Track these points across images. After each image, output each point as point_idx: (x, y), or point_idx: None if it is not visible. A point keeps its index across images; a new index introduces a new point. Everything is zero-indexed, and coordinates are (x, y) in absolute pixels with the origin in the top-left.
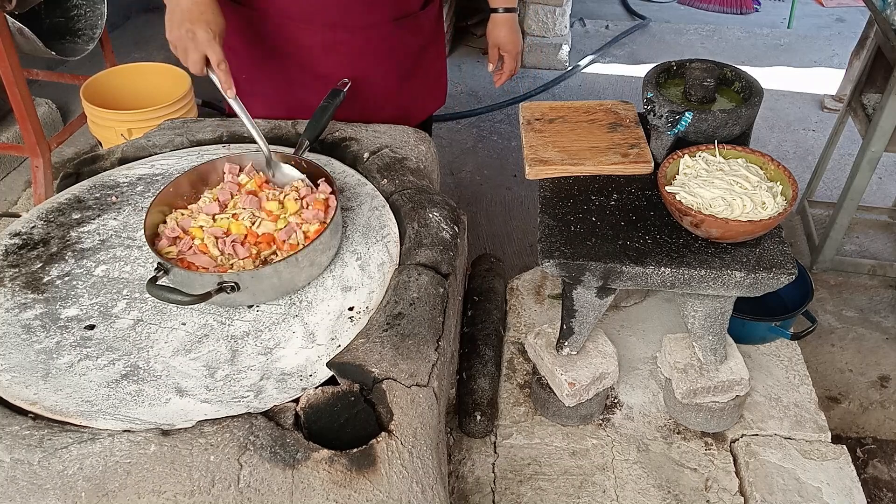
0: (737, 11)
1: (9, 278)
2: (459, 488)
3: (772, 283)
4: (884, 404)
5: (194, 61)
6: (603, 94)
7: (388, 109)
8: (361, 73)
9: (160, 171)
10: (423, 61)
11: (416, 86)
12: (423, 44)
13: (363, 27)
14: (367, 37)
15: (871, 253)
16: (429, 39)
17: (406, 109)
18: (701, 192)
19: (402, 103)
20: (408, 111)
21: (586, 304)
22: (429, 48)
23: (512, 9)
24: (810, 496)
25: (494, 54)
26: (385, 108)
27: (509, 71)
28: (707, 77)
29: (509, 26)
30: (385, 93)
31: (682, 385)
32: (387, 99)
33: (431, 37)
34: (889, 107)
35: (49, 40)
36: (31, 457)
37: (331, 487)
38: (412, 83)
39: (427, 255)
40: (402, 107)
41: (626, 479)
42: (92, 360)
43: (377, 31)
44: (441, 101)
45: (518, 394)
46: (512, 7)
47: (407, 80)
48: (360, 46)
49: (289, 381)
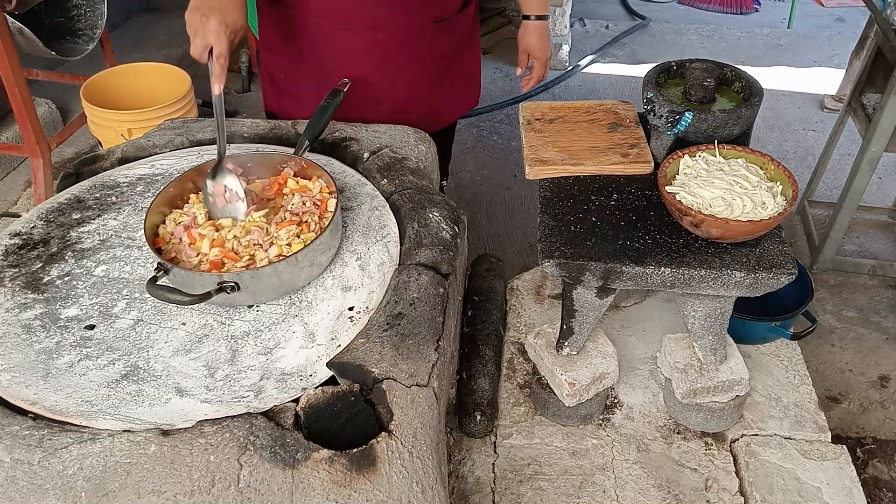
0: (737, 11)
1: (9, 278)
2: (459, 488)
3: (772, 283)
4: (884, 404)
5: (198, 47)
6: (603, 94)
7: (419, 110)
8: (396, 75)
9: (160, 171)
10: (456, 63)
11: (449, 87)
12: (458, 46)
13: (402, 29)
14: (405, 39)
15: (871, 253)
16: (464, 41)
17: (437, 110)
18: (701, 192)
19: (434, 105)
20: (439, 112)
21: (586, 304)
22: (463, 50)
23: (544, 17)
24: (810, 496)
25: (524, 60)
26: (415, 109)
27: (538, 77)
28: (707, 77)
29: (540, 34)
30: (417, 94)
31: (682, 385)
32: (419, 100)
33: (467, 39)
34: (889, 107)
35: (49, 40)
36: (31, 457)
37: (331, 487)
38: (445, 85)
39: (427, 255)
40: (433, 108)
41: (626, 479)
42: (92, 360)
43: (415, 33)
44: (473, 103)
45: (518, 394)
46: (544, 15)
47: (440, 82)
48: (396, 49)
49: (289, 381)
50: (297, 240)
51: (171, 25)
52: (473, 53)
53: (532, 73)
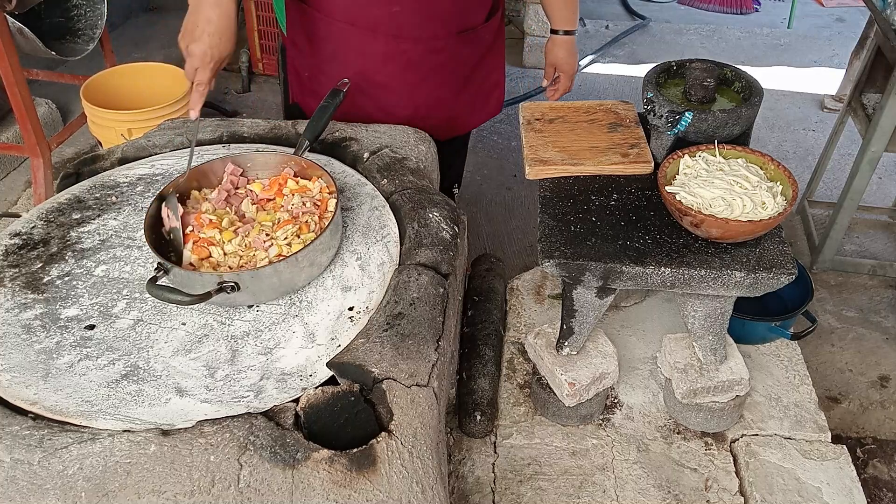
0: (737, 11)
1: (9, 278)
2: (459, 488)
3: (772, 283)
4: (884, 404)
5: (187, 71)
6: (603, 94)
7: (440, 116)
8: (419, 83)
9: (160, 171)
10: (480, 71)
11: (472, 96)
12: (483, 55)
13: (426, 39)
14: (430, 48)
15: (871, 253)
16: (488, 50)
17: (458, 117)
18: (701, 192)
19: (455, 112)
20: (460, 119)
21: (586, 304)
22: (487, 59)
23: (572, 31)
24: (810, 496)
25: (551, 72)
26: (437, 115)
27: (564, 89)
28: (707, 77)
29: (567, 49)
30: (439, 101)
31: (682, 385)
32: (441, 107)
33: (491, 48)
34: (889, 107)
35: (49, 40)
36: (31, 457)
37: (331, 487)
38: (467, 93)
39: (427, 255)
40: (454, 115)
41: (626, 479)
42: (92, 360)
43: (439, 43)
44: (496, 111)
45: (518, 394)
46: (572, 30)
47: (463, 90)
48: (420, 57)
49: (289, 381)
50: (296, 240)
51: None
52: (498, 62)
53: (559, 85)
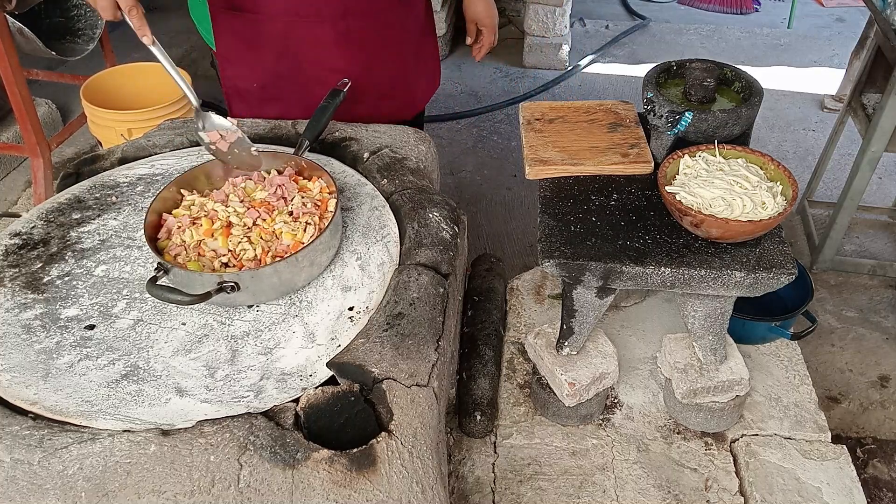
0: (737, 11)
1: (9, 278)
2: (459, 488)
3: (772, 283)
4: (884, 404)
5: (105, 8)
6: (603, 94)
7: (399, 94)
8: (375, 61)
9: (160, 171)
10: (423, 42)
11: (421, 68)
12: (423, 23)
13: (374, 13)
14: (378, 23)
15: (871, 253)
16: (425, 18)
17: (414, 93)
18: (701, 192)
19: (411, 86)
20: (415, 95)
21: (586, 304)
22: (427, 28)
23: None
24: (810, 496)
25: (472, 29)
26: (396, 93)
27: (488, 44)
28: (707, 77)
29: (485, 1)
30: (397, 77)
31: (682, 385)
32: (399, 83)
33: (426, 16)
34: (889, 107)
35: (49, 40)
36: (31, 457)
37: (331, 487)
38: (418, 65)
39: (427, 255)
40: (410, 90)
41: (626, 479)
42: (92, 360)
43: (386, 15)
44: (438, 83)
45: (518, 394)
46: None
47: (415, 63)
48: (372, 34)
49: (289, 381)
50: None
51: (171, 25)
52: (432, 29)
53: (482, 40)
